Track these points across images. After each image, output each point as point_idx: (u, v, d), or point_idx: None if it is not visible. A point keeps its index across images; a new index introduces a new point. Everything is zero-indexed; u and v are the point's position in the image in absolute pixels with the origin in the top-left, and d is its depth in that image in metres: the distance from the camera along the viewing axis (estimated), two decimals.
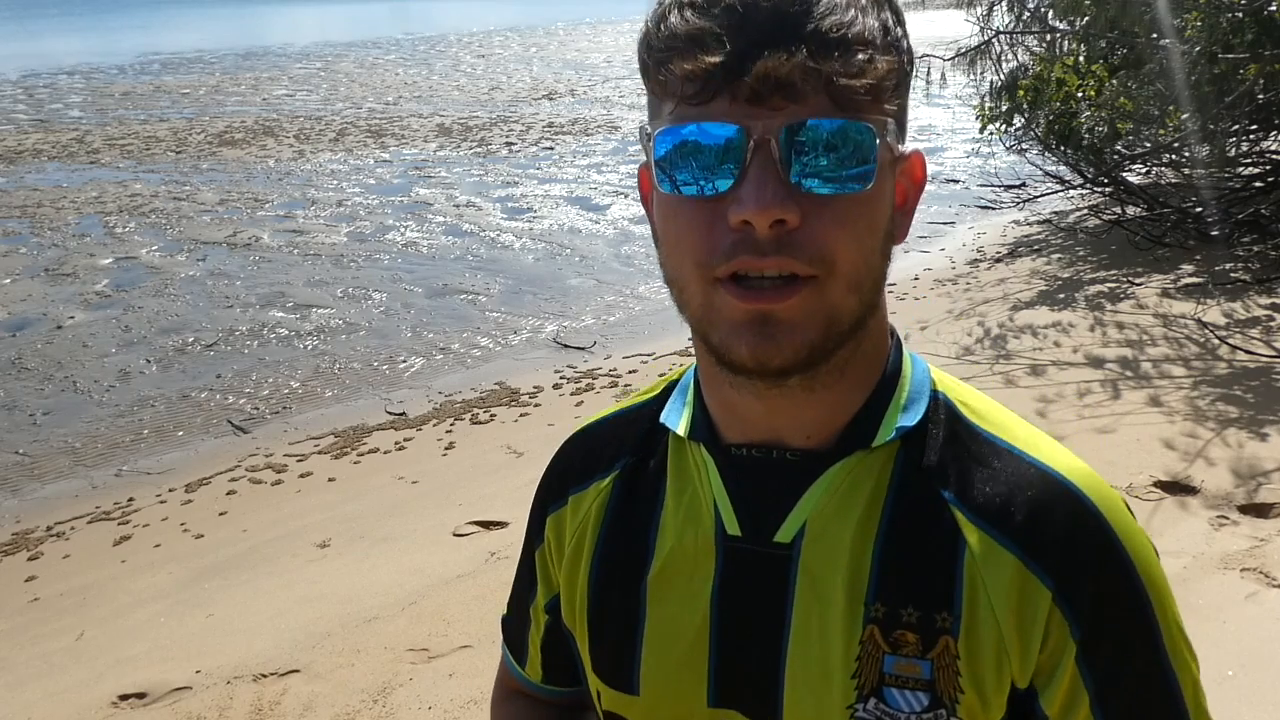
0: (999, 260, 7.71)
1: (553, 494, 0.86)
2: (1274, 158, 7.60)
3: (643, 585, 0.77)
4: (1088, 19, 8.21)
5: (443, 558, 3.60)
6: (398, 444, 5.12)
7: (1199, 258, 6.83)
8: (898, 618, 0.68)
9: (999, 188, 9.99)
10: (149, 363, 6.42)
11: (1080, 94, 7.43)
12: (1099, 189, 8.54)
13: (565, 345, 6.63)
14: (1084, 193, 8.83)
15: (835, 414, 0.72)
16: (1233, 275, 6.35)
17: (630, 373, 5.87)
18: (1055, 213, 8.96)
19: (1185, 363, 4.89)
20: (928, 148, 13.10)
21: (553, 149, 13.67)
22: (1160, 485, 3.58)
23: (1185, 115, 6.58)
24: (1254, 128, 7.49)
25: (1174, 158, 7.80)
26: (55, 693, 3.01)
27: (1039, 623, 0.66)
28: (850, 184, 0.63)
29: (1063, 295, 6.39)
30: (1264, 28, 6.18)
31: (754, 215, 0.61)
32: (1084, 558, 0.67)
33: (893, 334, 0.76)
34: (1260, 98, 6.85)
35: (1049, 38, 8.82)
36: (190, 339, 6.79)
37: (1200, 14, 6.26)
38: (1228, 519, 3.32)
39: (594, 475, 0.84)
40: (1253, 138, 7.64)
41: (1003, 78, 8.61)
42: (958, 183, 10.88)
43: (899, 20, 0.66)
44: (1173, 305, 5.86)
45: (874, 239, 0.65)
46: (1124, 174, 8.25)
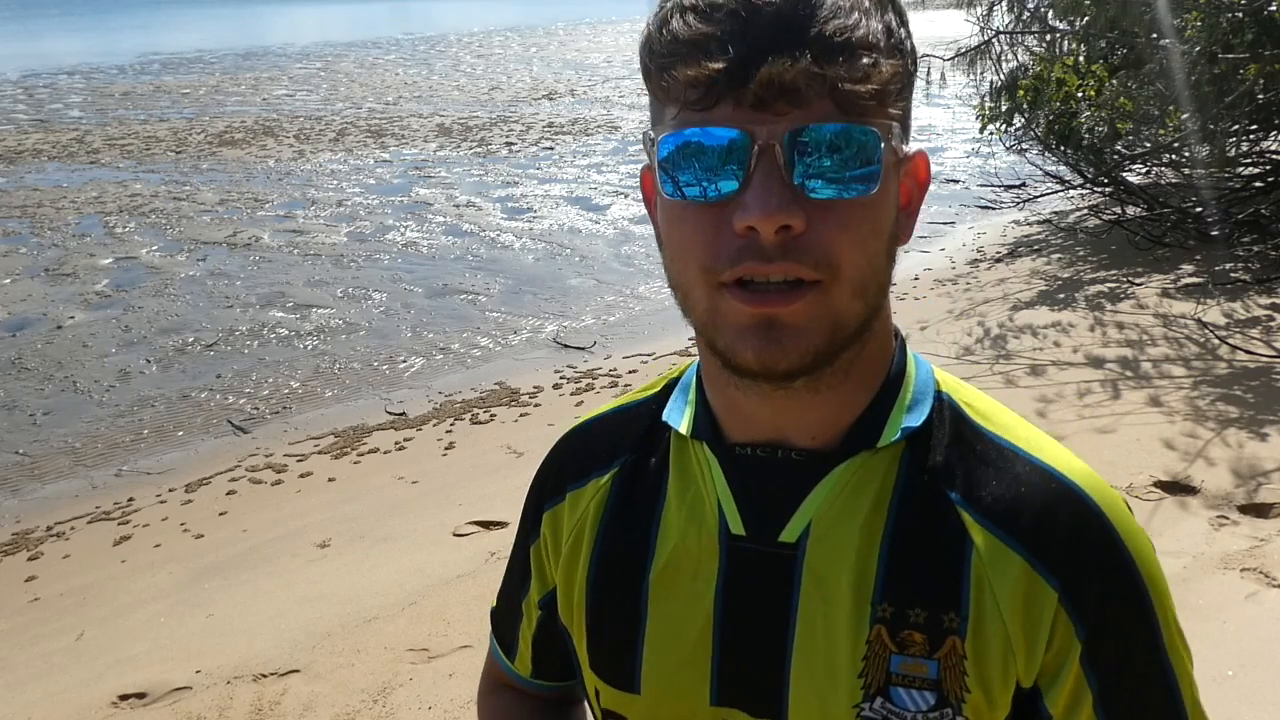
0: (999, 260, 7.71)
1: (549, 490, 0.86)
2: (1274, 158, 7.60)
3: (644, 583, 0.77)
4: (1088, 19, 8.20)
5: (443, 558, 3.60)
6: (398, 444, 5.12)
7: (1199, 258, 6.83)
8: (905, 618, 0.69)
9: (999, 188, 9.99)
10: (149, 363, 6.42)
11: (1080, 94, 7.43)
12: (1099, 189, 8.54)
13: (565, 345, 6.63)
14: (1084, 193, 8.83)
15: (840, 414, 0.72)
16: (1233, 275, 6.35)
17: (630, 373, 5.87)
18: (1055, 213, 8.96)
19: (1185, 363, 4.88)
20: (928, 148, 12.86)
21: (553, 149, 13.67)
22: (1160, 485, 3.58)
23: (1185, 115, 6.58)
24: (1254, 128, 7.49)
25: (1174, 158, 7.80)
26: (55, 693, 3.01)
27: (1045, 623, 0.67)
28: (855, 188, 0.62)
29: (1063, 295, 6.39)
30: (1264, 28, 6.18)
31: (759, 221, 0.61)
32: (1089, 559, 0.68)
33: (897, 335, 0.76)
34: (1260, 98, 6.85)
35: (1049, 38, 8.82)
36: (190, 339, 6.79)
37: (1200, 14, 6.26)
38: (1228, 519, 3.32)
39: (593, 472, 0.83)
40: (1253, 138, 7.64)
41: (1003, 78, 8.61)
42: (958, 183, 10.88)
43: (903, 21, 0.66)
44: (1173, 305, 5.85)
45: (879, 242, 0.66)
46: (1124, 174, 8.24)
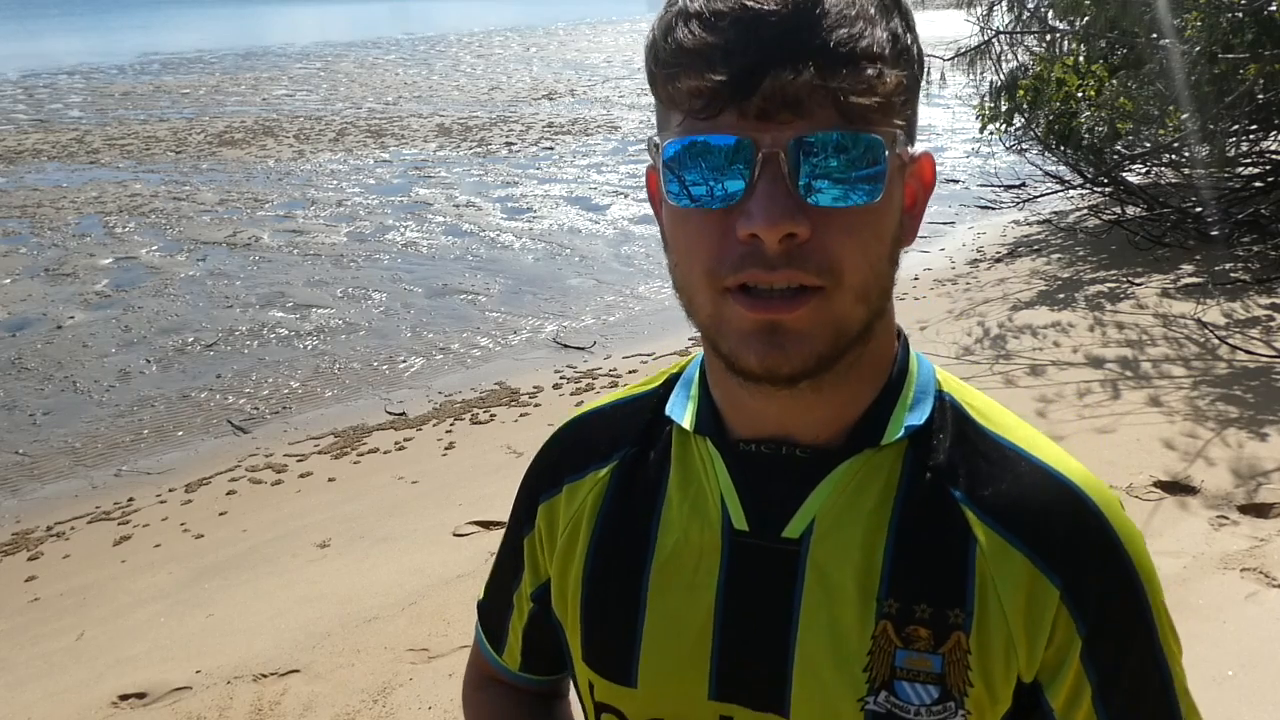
0: (999, 260, 7.71)
1: (546, 482, 0.86)
2: (1274, 158, 7.60)
3: (643, 577, 0.77)
4: (1088, 19, 8.21)
5: (443, 558, 3.60)
6: (398, 444, 5.12)
7: (1199, 258, 6.83)
8: (911, 613, 0.70)
9: (999, 188, 9.99)
10: (149, 363, 6.42)
11: (1080, 94, 7.43)
12: (1099, 189, 8.54)
13: (565, 345, 6.63)
14: (1084, 193, 8.83)
15: (844, 412, 0.72)
16: (1233, 275, 6.35)
17: (630, 373, 5.87)
18: (1055, 213, 8.96)
19: (1185, 363, 4.88)
20: (928, 148, 13.02)
21: (553, 149, 13.67)
22: (1160, 485, 3.58)
23: (1185, 115, 6.58)
24: (1254, 128, 7.49)
25: (1174, 158, 7.80)
26: (55, 693, 3.01)
27: (1047, 619, 0.69)
28: (859, 196, 0.63)
29: (1062, 295, 6.39)
30: (1264, 28, 6.18)
31: (763, 230, 0.61)
32: (1089, 557, 0.69)
33: (899, 334, 0.77)
34: (1260, 98, 6.85)
35: (1049, 38, 8.82)
36: (190, 339, 6.79)
37: (1200, 14, 6.26)
38: (1228, 519, 3.32)
39: (591, 465, 0.83)
40: (1253, 138, 7.64)
41: (1003, 78, 8.61)
42: (958, 183, 10.87)
43: (909, 26, 0.66)
44: (1173, 305, 5.86)
45: (882, 247, 0.66)
46: (1124, 174, 8.24)
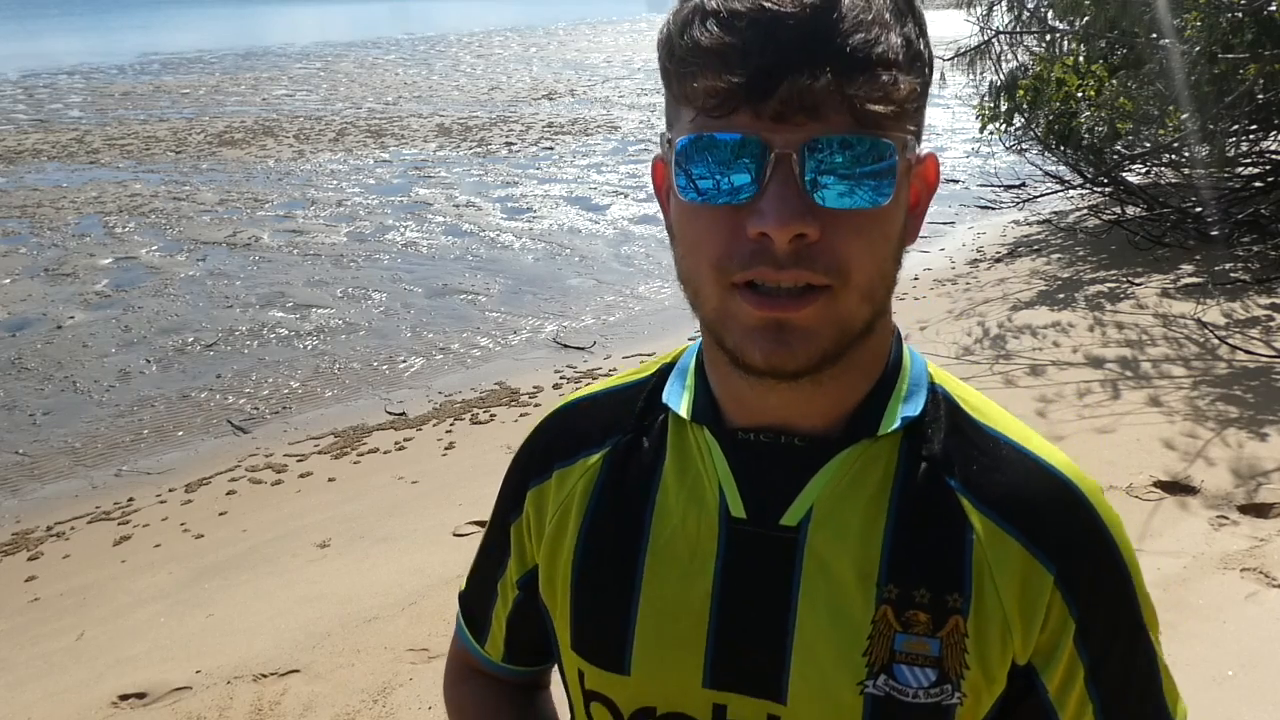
0: (999, 260, 7.71)
1: (535, 468, 0.85)
2: (1274, 158, 7.60)
3: (638, 564, 0.77)
4: (1088, 19, 8.20)
5: (443, 558, 3.60)
6: (398, 444, 5.12)
7: (1199, 258, 6.83)
8: (910, 598, 0.71)
9: (999, 188, 9.99)
10: (149, 363, 6.42)
11: (1080, 94, 7.42)
12: (1099, 189, 8.54)
13: (565, 345, 6.63)
14: (1084, 193, 8.83)
15: (841, 403, 0.74)
16: (1233, 275, 6.35)
17: None
18: (1055, 213, 8.96)
19: (1185, 363, 4.88)
20: (928, 148, 13.04)
21: (553, 149, 13.67)
22: (1160, 485, 3.58)
23: (1185, 115, 6.58)
24: (1254, 128, 7.49)
25: (1174, 158, 7.80)
26: (55, 693, 3.01)
27: (1042, 604, 0.71)
28: (869, 199, 0.63)
29: (1062, 295, 6.39)
30: (1264, 28, 6.18)
31: (774, 230, 0.62)
32: (1080, 544, 0.72)
33: (893, 328, 0.78)
34: (1260, 98, 6.85)
35: (1049, 38, 8.82)
36: (190, 339, 6.79)
37: (1200, 14, 6.26)
38: (1228, 519, 3.32)
39: (582, 451, 0.83)
40: (1253, 138, 7.64)
41: (1002, 78, 8.60)
42: (958, 183, 10.87)
43: (921, 31, 0.66)
44: (1173, 305, 5.85)
45: (888, 248, 0.67)
46: (1124, 174, 8.25)
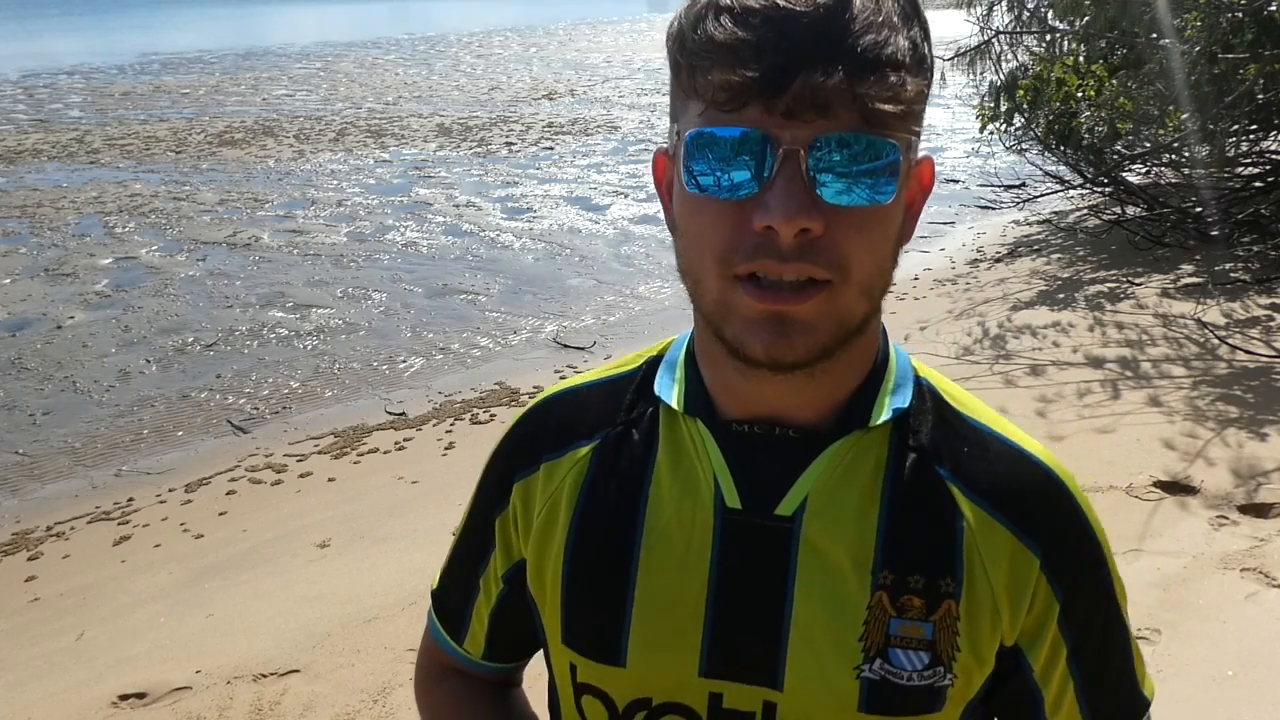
0: (999, 260, 7.71)
1: (521, 460, 0.86)
2: (1274, 158, 7.60)
3: (632, 556, 0.77)
4: (1088, 19, 8.20)
5: (443, 558, 3.59)
6: (398, 444, 5.12)
7: (1199, 258, 6.83)
8: (905, 584, 0.73)
9: (999, 188, 9.99)
10: (149, 363, 6.42)
11: (1080, 94, 7.43)
12: (1099, 189, 8.54)
13: (565, 345, 6.63)
14: (1084, 193, 8.83)
15: (833, 396, 0.75)
16: (1233, 275, 6.35)
17: None
18: (1055, 213, 8.96)
19: (1185, 363, 4.88)
20: (928, 148, 13.00)
21: (553, 149, 13.67)
22: (1160, 485, 3.58)
23: (1185, 115, 6.58)
24: (1254, 128, 7.49)
25: (1174, 158, 7.80)
26: (55, 693, 3.01)
27: (1029, 588, 0.74)
28: (873, 197, 0.65)
29: (1062, 295, 6.39)
30: (1264, 28, 6.18)
31: (781, 224, 0.63)
32: (1062, 530, 0.76)
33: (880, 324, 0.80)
34: (1260, 98, 6.85)
35: (1049, 38, 8.82)
36: (190, 339, 6.79)
37: (1200, 14, 6.26)
38: (1228, 519, 3.32)
39: (571, 443, 0.83)
40: (1253, 138, 7.64)
41: (1003, 78, 8.61)
42: (958, 183, 10.87)
43: (926, 35, 0.68)
44: (1173, 305, 5.85)
45: (887, 246, 0.69)
46: (1124, 174, 8.25)
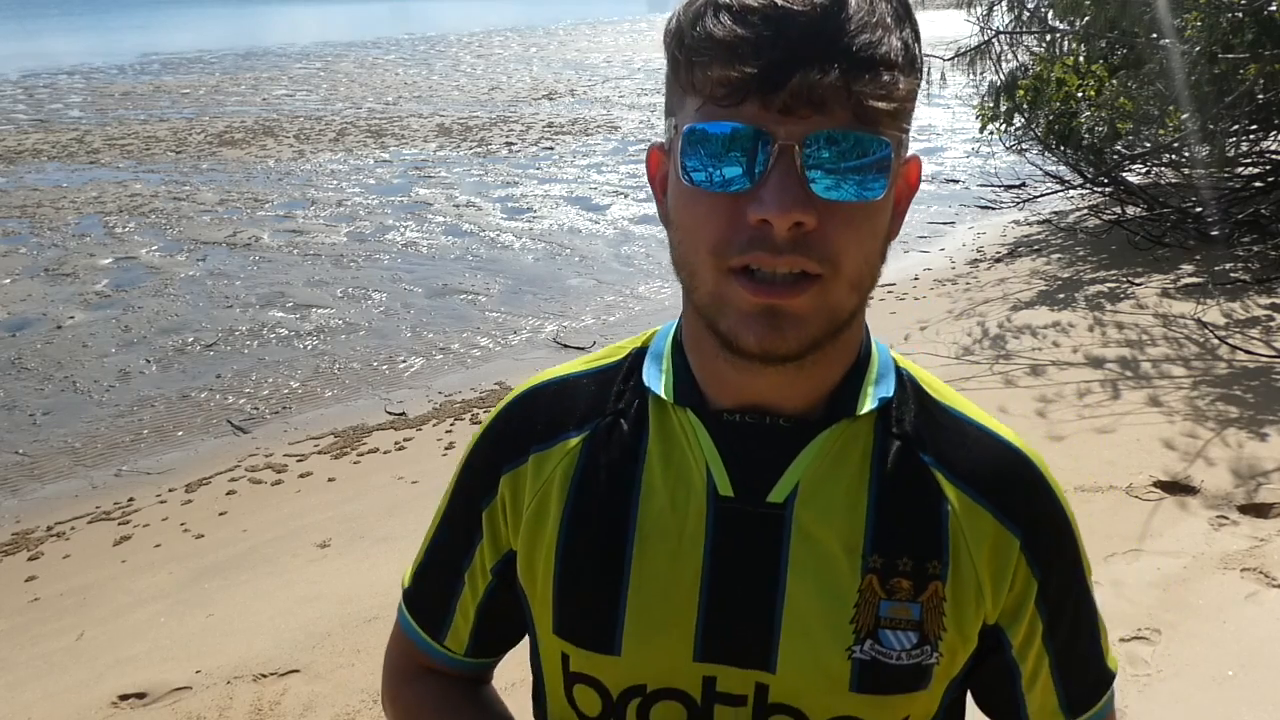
0: (999, 260, 7.71)
1: (508, 452, 0.86)
2: (1274, 158, 7.60)
3: (626, 545, 0.78)
4: (1088, 19, 8.20)
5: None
6: (398, 444, 5.12)
7: (1199, 258, 6.83)
8: (894, 567, 0.76)
9: (999, 188, 9.99)
10: (149, 363, 6.41)
11: (1080, 94, 7.43)
12: (1099, 189, 8.54)
13: (565, 345, 6.63)
14: (1084, 193, 8.83)
15: (820, 385, 0.77)
16: (1233, 275, 6.35)
17: None
18: (1055, 213, 8.96)
19: (1185, 363, 4.88)
20: (928, 148, 13.09)
21: (553, 149, 13.67)
22: (1160, 485, 3.57)
23: (1185, 115, 6.58)
24: (1254, 128, 7.48)
25: (1174, 158, 7.80)
26: (55, 693, 3.01)
27: (1009, 568, 0.77)
28: (864, 192, 0.67)
29: (1062, 295, 6.39)
30: (1264, 28, 6.17)
31: (775, 217, 0.65)
32: (1039, 513, 0.79)
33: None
34: (1260, 98, 6.85)
35: (1049, 38, 8.82)
36: (190, 339, 6.79)
37: (1200, 14, 6.26)
38: (1228, 519, 3.32)
39: (561, 434, 0.84)
40: (1253, 138, 7.63)
41: (1003, 78, 8.61)
42: (958, 183, 10.87)
43: (916, 36, 0.70)
44: (1173, 305, 5.85)
45: (876, 241, 0.71)
46: (1124, 174, 8.24)
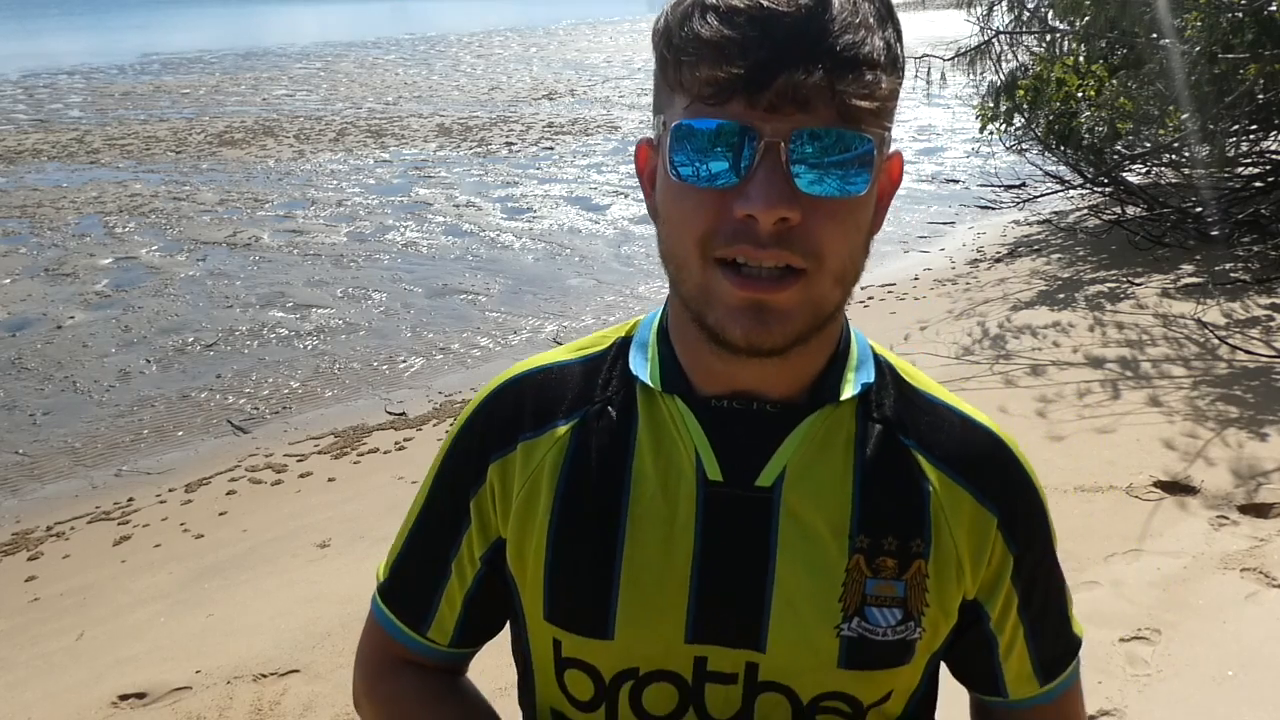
0: (999, 260, 7.71)
1: (495, 440, 0.86)
2: (1274, 158, 7.60)
3: (618, 531, 0.80)
4: (1088, 19, 8.20)
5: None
6: (398, 444, 5.12)
7: (1199, 258, 6.83)
8: (880, 547, 0.79)
9: (999, 188, 9.98)
10: (149, 363, 6.42)
11: (1080, 94, 7.42)
12: (1099, 189, 8.53)
13: None
14: (1084, 193, 8.83)
15: (803, 374, 0.80)
16: (1233, 275, 6.35)
17: None
18: (1055, 213, 8.96)
19: (1185, 363, 4.88)
20: (928, 148, 13.09)
21: (553, 149, 13.67)
22: (1160, 485, 3.57)
23: (1185, 115, 6.58)
24: (1254, 128, 7.48)
25: (1174, 158, 7.80)
26: (55, 693, 3.01)
27: (988, 545, 0.81)
28: (848, 188, 0.69)
29: (1063, 295, 6.39)
30: (1264, 28, 6.17)
31: (761, 212, 0.66)
32: (1015, 492, 0.83)
33: None
34: (1260, 98, 6.85)
35: (1049, 38, 8.82)
36: (190, 339, 6.79)
37: (1200, 14, 6.25)
38: (1228, 519, 3.32)
39: (548, 423, 0.84)
40: (1253, 138, 7.63)
41: (1003, 78, 8.61)
42: (958, 183, 10.88)
43: (899, 36, 0.72)
44: (1173, 305, 5.85)
45: (859, 236, 0.73)
46: (1124, 174, 8.24)
